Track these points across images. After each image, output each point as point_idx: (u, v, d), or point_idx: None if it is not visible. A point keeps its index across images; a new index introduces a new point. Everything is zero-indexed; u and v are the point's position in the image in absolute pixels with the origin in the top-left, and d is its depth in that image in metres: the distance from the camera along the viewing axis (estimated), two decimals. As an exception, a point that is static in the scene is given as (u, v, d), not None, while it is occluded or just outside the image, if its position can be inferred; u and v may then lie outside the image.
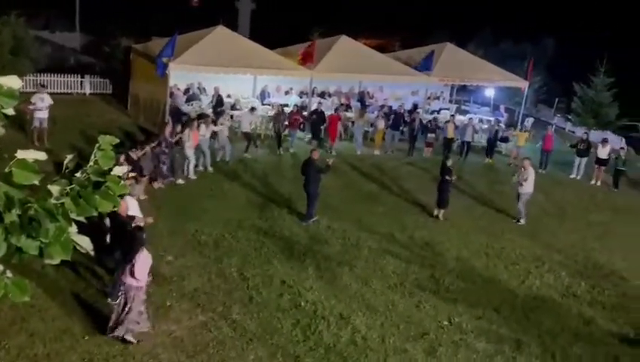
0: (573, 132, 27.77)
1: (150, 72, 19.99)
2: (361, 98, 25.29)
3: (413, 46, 27.73)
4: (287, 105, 22.04)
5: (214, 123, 17.78)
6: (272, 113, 20.67)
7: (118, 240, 9.65)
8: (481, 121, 24.65)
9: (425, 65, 23.98)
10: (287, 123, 20.12)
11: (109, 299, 9.36)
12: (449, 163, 15.39)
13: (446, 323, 10.35)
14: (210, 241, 12.42)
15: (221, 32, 21.75)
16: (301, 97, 23.82)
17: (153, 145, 14.64)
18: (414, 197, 16.88)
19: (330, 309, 10.27)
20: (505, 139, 22.77)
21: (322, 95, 24.84)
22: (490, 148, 22.12)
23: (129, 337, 8.57)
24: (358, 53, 23.82)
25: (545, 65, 32.43)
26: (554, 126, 23.56)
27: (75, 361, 8.25)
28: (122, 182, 2.95)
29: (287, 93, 24.07)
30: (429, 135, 21.71)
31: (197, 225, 13.05)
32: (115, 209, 9.29)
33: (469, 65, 25.46)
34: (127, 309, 8.43)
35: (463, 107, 29.02)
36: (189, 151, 16.16)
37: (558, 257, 13.86)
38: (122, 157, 12.31)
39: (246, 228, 13.45)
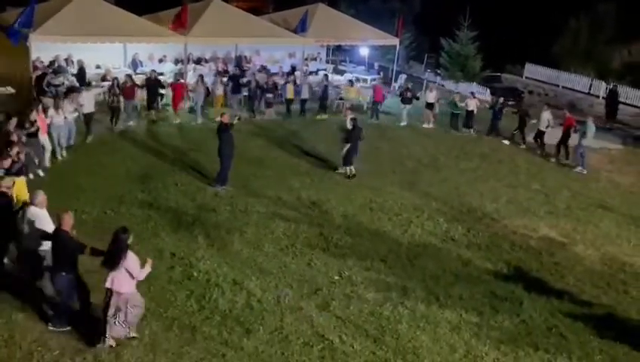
0: (443, 85, 29.15)
1: (9, 46, 18.51)
2: (239, 63, 25.00)
3: (286, 7, 27.66)
4: (162, 74, 21.35)
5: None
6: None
7: (61, 262, 8.38)
8: (357, 80, 25.21)
9: (301, 27, 24.06)
10: (120, 94, 18.13)
11: (50, 326, 8.50)
12: (359, 123, 15.88)
13: (337, 277, 10.73)
14: (90, 220, 11.93)
15: (84, -2, 20.50)
16: (177, 64, 23.18)
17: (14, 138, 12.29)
18: (296, 158, 17.12)
19: (224, 276, 10.30)
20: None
21: (198, 61, 24.30)
22: (321, 104, 22.35)
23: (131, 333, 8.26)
24: (232, 16, 23.42)
25: (413, 21, 33.54)
26: (395, 79, 24.86)
27: (-46, 360, 7.75)
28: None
29: (161, 61, 23.28)
30: (268, 95, 21.51)
31: (75, 205, 12.40)
32: (60, 226, 8.15)
33: (342, 25, 25.87)
34: (116, 314, 8.04)
35: (339, 67, 29.53)
36: (43, 138, 14.23)
37: (436, 205, 14.69)
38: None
39: (128, 202, 13.05)
